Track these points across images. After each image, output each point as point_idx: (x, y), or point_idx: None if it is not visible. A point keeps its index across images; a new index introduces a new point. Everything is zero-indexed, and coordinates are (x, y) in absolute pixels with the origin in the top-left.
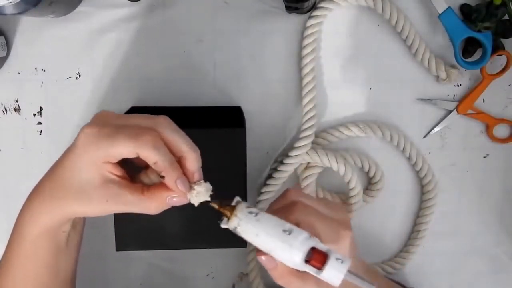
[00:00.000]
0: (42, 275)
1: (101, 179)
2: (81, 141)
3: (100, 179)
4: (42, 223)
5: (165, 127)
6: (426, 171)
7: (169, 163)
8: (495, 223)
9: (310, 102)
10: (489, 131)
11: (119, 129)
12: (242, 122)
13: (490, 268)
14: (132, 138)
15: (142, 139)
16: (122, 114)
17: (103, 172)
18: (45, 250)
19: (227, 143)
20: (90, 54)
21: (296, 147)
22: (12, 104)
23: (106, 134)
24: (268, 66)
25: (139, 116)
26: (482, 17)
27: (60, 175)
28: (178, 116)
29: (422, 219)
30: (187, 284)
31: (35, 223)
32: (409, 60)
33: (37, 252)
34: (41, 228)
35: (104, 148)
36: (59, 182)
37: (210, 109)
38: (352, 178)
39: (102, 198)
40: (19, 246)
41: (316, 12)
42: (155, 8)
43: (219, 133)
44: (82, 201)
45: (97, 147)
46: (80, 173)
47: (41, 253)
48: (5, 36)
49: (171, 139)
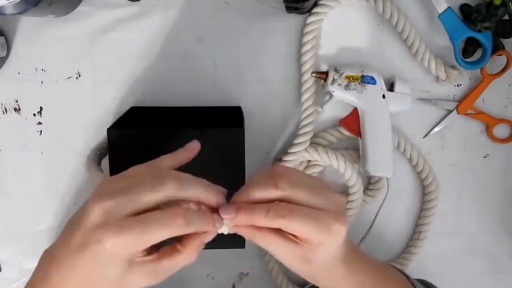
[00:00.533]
0: None
1: (137, 267)
2: (108, 246)
3: (136, 268)
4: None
5: (177, 189)
6: (427, 172)
7: (203, 222)
8: (495, 223)
9: (309, 99)
10: (489, 131)
11: (145, 219)
12: (241, 122)
13: (490, 268)
14: (164, 226)
15: (173, 224)
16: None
17: (135, 260)
18: None
19: (225, 143)
20: (90, 54)
21: (295, 144)
22: (12, 104)
23: (132, 229)
24: (268, 66)
25: (148, 188)
26: (482, 17)
27: (86, 272)
28: (177, 116)
29: (423, 220)
30: (187, 284)
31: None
32: (409, 60)
33: None
34: None
35: (135, 245)
36: (85, 281)
37: (210, 109)
38: (352, 175)
39: (143, 281)
40: None
41: (316, 9)
42: (155, 8)
43: (217, 133)
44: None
45: (127, 246)
46: (112, 270)
47: None
48: (5, 36)
49: (189, 196)
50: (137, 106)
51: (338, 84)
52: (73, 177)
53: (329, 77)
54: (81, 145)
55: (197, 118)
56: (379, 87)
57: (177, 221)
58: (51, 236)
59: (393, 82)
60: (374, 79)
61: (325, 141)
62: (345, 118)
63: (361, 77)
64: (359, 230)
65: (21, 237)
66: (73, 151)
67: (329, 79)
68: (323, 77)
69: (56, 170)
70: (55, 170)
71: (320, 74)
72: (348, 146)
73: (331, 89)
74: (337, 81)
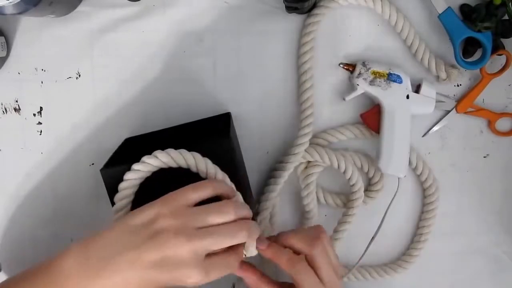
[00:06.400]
0: None
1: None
2: (195, 281)
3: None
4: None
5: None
6: (427, 175)
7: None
8: (495, 223)
9: (308, 100)
10: (491, 125)
11: (224, 257)
12: (227, 130)
13: (490, 268)
14: (239, 256)
15: (243, 235)
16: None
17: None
18: None
19: (215, 153)
20: (90, 54)
21: (294, 145)
22: (12, 104)
23: (217, 264)
24: (268, 66)
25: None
26: (482, 17)
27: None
28: (167, 138)
29: (424, 222)
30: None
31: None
32: (409, 60)
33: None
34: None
35: (219, 273)
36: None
37: (199, 122)
38: (353, 174)
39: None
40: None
41: (315, 11)
42: (155, 8)
43: (205, 145)
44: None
45: (210, 276)
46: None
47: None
48: (5, 36)
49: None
50: (131, 136)
51: (363, 78)
52: (73, 177)
53: (356, 70)
54: (81, 145)
55: (187, 135)
56: (405, 87)
57: (243, 232)
58: (50, 236)
59: (420, 84)
60: (401, 78)
61: (325, 141)
62: (366, 113)
63: (387, 74)
64: (359, 230)
65: (21, 237)
66: (73, 151)
67: (356, 72)
68: (350, 69)
69: (56, 170)
70: (55, 170)
71: (347, 66)
72: (348, 147)
73: (356, 82)
74: (363, 75)
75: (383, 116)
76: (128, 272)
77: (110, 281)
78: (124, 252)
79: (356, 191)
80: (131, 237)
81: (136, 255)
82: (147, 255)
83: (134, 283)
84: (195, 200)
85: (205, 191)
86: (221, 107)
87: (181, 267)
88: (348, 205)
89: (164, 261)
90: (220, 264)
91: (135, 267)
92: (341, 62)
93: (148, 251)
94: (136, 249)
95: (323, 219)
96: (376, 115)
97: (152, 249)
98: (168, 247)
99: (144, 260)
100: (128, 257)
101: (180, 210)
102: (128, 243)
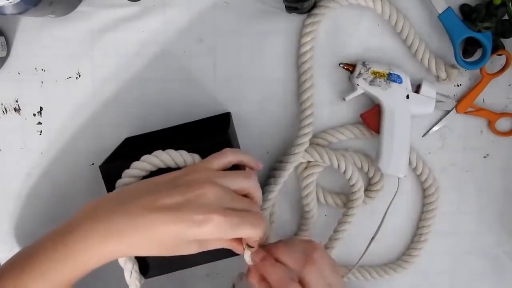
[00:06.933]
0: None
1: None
2: (208, 229)
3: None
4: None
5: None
6: (427, 175)
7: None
8: (495, 223)
9: (308, 100)
10: (491, 125)
11: (242, 218)
12: (226, 128)
13: (490, 268)
14: (254, 229)
15: (260, 229)
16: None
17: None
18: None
19: (214, 151)
20: (90, 54)
21: (294, 145)
22: (12, 104)
23: (234, 224)
24: (268, 66)
25: (248, 202)
26: (482, 17)
27: (159, 238)
28: (167, 137)
29: (424, 222)
30: (187, 284)
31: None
32: (409, 60)
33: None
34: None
35: (226, 236)
36: (153, 241)
37: (200, 122)
38: (353, 174)
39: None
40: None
41: (315, 11)
42: (155, 8)
43: (204, 144)
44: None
45: (221, 235)
46: (186, 247)
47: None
48: (5, 36)
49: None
50: (131, 136)
51: (363, 78)
52: (73, 177)
53: (356, 70)
54: (81, 145)
55: (186, 135)
56: (405, 87)
57: (262, 227)
58: None
59: (420, 84)
60: (401, 78)
61: (325, 141)
62: (366, 113)
63: (387, 74)
64: (359, 230)
65: (21, 237)
66: (73, 151)
67: (356, 72)
68: (350, 69)
69: (56, 170)
70: (55, 170)
71: (347, 66)
72: (348, 147)
73: (356, 82)
74: (363, 75)
75: (383, 116)
76: (139, 218)
77: (117, 225)
78: (141, 197)
79: (356, 191)
80: (150, 187)
81: (153, 200)
82: (165, 200)
83: (143, 230)
84: (218, 166)
85: (227, 158)
86: (221, 107)
87: (204, 208)
88: (348, 205)
89: (185, 203)
90: (242, 220)
91: (148, 211)
92: (341, 62)
93: (168, 196)
94: (155, 194)
95: (323, 219)
96: (376, 115)
97: (174, 193)
98: (193, 190)
99: (160, 203)
100: (144, 202)
101: (204, 168)
102: (146, 191)
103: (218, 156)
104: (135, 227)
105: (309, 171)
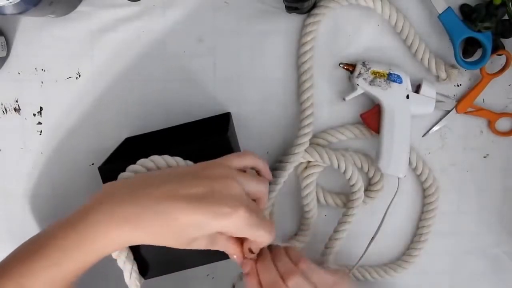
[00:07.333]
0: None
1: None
2: (232, 221)
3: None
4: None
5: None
6: (427, 175)
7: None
8: (495, 223)
9: (308, 100)
10: (491, 125)
11: (261, 220)
12: (226, 128)
13: (490, 268)
14: (269, 234)
15: (273, 235)
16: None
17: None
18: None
19: (214, 151)
20: (90, 54)
21: (294, 145)
22: (12, 104)
23: (254, 224)
24: (268, 66)
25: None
26: (482, 17)
27: (179, 227)
28: (167, 137)
29: (424, 222)
30: (187, 284)
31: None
32: (409, 60)
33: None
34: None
35: (242, 233)
36: (171, 230)
37: (199, 122)
38: (353, 174)
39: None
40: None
41: (315, 11)
42: (155, 8)
43: (204, 144)
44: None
45: (239, 231)
46: (199, 240)
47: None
48: (5, 36)
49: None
50: (131, 136)
51: (363, 78)
52: (73, 177)
53: (356, 70)
54: (81, 145)
55: (186, 135)
56: (405, 87)
57: (274, 234)
58: None
59: (420, 84)
60: (401, 78)
61: (325, 141)
62: (366, 113)
63: (387, 74)
64: (359, 230)
65: (21, 237)
66: (73, 151)
67: (356, 72)
68: (350, 69)
69: (56, 170)
70: (55, 170)
71: (347, 66)
72: (348, 147)
73: (356, 82)
74: (363, 75)
75: (383, 116)
76: (160, 205)
77: (135, 209)
78: (162, 185)
79: (356, 191)
80: (171, 177)
81: (176, 188)
82: (190, 189)
83: (163, 218)
84: (237, 165)
85: (246, 159)
86: (221, 107)
87: (230, 201)
88: (348, 205)
89: (210, 194)
90: (261, 222)
91: (171, 199)
92: (341, 62)
93: (192, 186)
94: (178, 183)
95: (323, 219)
96: (376, 115)
97: (198, 184)
98: (218, 182)
99: (184, 192)
100: (167, 189)
101: (224, 165)
102: (168, 179)
103: (239, 156)
104: (155, 213)
105: (309, 171)
